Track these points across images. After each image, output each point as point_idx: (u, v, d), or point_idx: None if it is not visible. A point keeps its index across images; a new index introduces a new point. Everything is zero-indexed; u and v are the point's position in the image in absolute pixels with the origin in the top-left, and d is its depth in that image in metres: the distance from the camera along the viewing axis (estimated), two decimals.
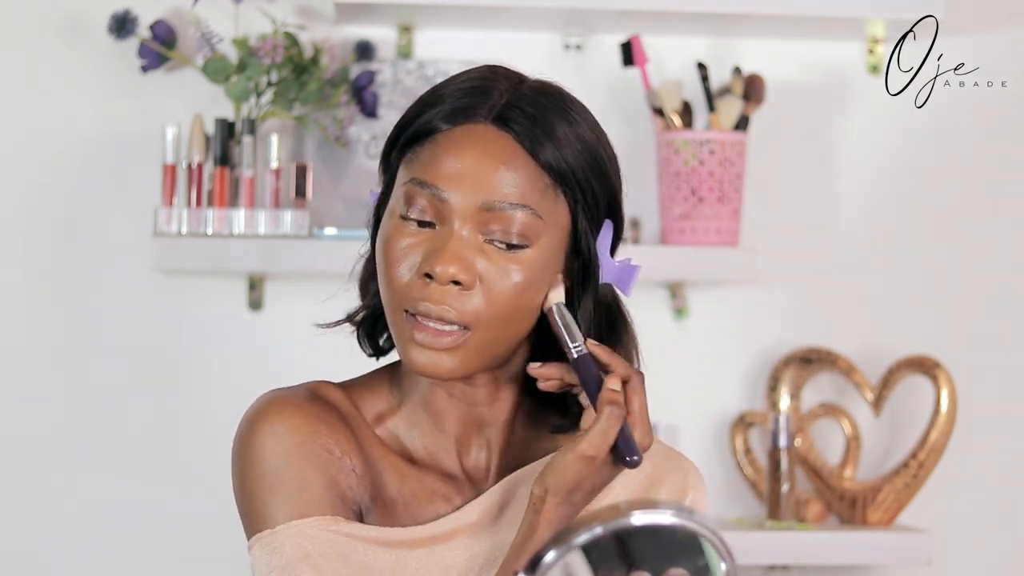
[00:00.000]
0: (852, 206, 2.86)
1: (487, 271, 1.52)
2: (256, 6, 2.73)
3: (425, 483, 1.61)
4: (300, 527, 1.53)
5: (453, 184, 1.53)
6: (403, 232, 1.54)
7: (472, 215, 1.53)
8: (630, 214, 2.79)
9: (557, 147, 1.55)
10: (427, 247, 1.53)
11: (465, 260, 1.52)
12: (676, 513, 1.30)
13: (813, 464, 2.78)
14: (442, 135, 1.55)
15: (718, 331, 2.84)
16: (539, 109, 1.56)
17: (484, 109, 1.56)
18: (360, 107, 2.71)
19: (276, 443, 1.56)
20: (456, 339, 1.52)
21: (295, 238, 2.63)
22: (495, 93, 1.57)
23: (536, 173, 1.54)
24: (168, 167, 2.65)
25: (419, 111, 1.58)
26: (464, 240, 1.53)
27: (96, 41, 2.73)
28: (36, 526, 2.72)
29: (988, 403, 2.86)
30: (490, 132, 1.55)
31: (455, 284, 1.51)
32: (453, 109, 1.56)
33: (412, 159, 1.57)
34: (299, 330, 2.71)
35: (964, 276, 2.87)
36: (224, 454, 1.62)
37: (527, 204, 1.53)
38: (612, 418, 1.47)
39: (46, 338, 2.73)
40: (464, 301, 1.52)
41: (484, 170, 1.53)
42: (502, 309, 1.53)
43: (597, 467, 1.48)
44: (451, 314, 1.51)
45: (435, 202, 1.53)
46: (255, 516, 1.55)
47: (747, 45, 2.84)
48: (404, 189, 1.55)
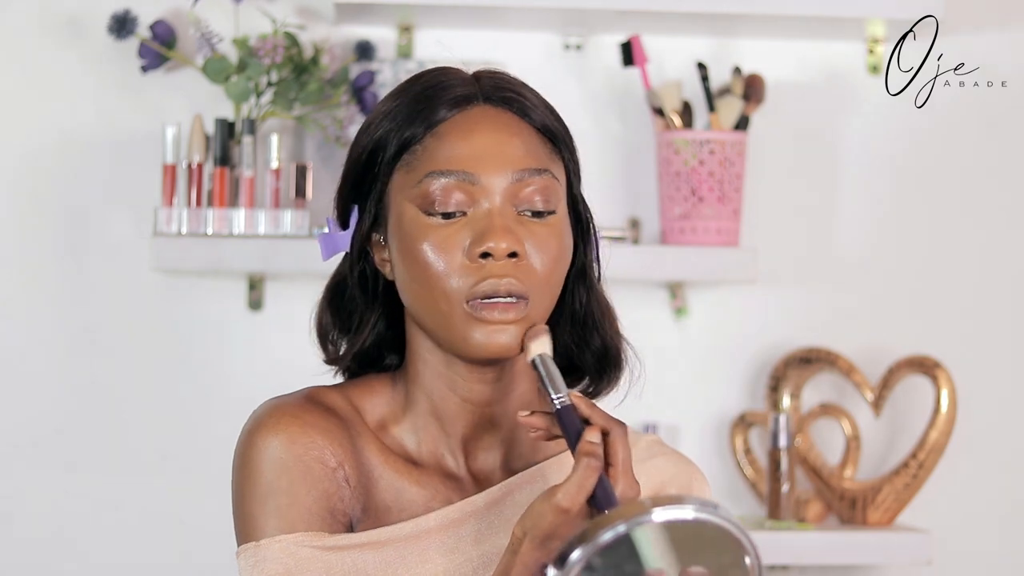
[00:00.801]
0: (852, 206, 2.86)
1: (529, 240, 1.55)
2: (256, 6, 2.73)
3: (426, 486, 1.60)
4: (285, 542, 1.54)
5: (479, 164, 1.55)
6: (436, 228, 1.55)
7: (504, 189, 1.55)
8: (630, 214, 2.82)
9: (544, 112, 1.60)
10: (468, 233, 1.54)
11: (513, 232, 1.54)
12: (698, 508, 1.29)
13: (813, 464, 2.78)
14: (444, 125, 1.57)
15: (718, 331, 2.84)
16: (510, 83, 1.60)
17: (474, 93, 1.59)
18: (360, 107, 2.71)
19: (270, 455, 1.57)
20: (521, 311, 1.54)
21: (295, 238, 2.63)
22: (465, 81, 1.60)
23: (539, 139, 1.58)
24: (168, 167, 2.65)
25: (396, 121, 1.58)
26: (506, 215, 1.54)
27: (96, 41, 2.73)
28: (35, 526, 2.72)
29: (988, 403, 2.86)
30: (490, 111, 1.58)
31: (511, 257, 1.53)
32: (450, 99, 1.57)
33: (414, 160, 1.57)
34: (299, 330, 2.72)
35: (964, 276, 2.87)
36: (224, 453, 1.63)
37: (546, 168, 1.57)
38: (588, 470, 1.43)
39: (46, 338, 2.73)
40: (521, 272, 1.54)
41: (503, 144, 1.56)
42: (549, 276, 1.55)
43: (572, 518, 1.44)
44: (516, 285, 1.53)
45: (464, 187, 1.54)
46: (245, 526, 1.56)
47: (747, 45, 2.84)
48: (420, 188, 1.55)
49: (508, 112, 1.58)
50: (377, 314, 1.63)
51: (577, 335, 1.64)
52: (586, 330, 1.63)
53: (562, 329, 1.63)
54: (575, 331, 1.63)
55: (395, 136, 1.58)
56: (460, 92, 1.59)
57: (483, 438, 1.62)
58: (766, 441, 2.73)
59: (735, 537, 1.31)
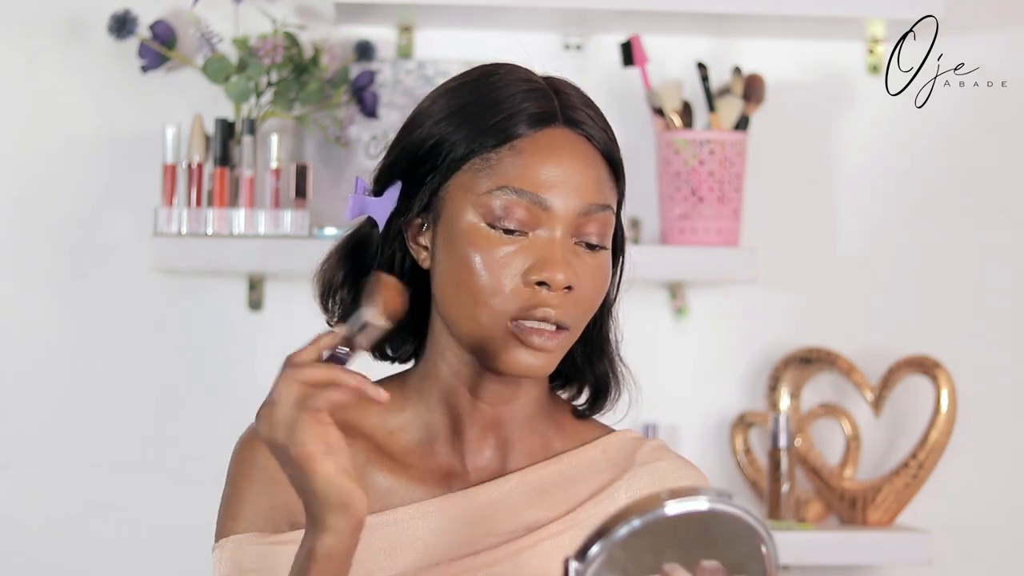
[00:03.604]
0: (852, 206, 2.86)
1: (580, 272, 1.56)
2: (256, 6, 2.73)
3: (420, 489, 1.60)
4: (237, 541, 1.58)
5: (554, 191, 1.55)
6: (495, 241, 1.55)
7: (571, 220, 1.55)
8: (630, 214, 2.82)
9: (607, 139, 1.61)
10: (530, 255, 1.55)
11: (572, 267, 1.55)
12: (713, 499, 1.29)
13: (813, 464, 2.78)
14: (523, 141, 1.56)
15: (718, 331, 2.84)
16: (588, 105, 1.61)
17: (554, 111, 1.59)
18: (360, 107, 2.71)
19: (244, 465, 1.61)
20: (561, 340, 1.56)
21: (295, 238, 2.63)
22: (543, 93, 1.59)
23: (607, 172, 1.60)
24: (168, 167, 2.65)
25: (470, 123, 1.57)
26: (565, 245, 1.56)
27: (96, 41, 2.73)
28: (35, 525, 2.72)
29: (988, 403, 2.86)
30: (568, 135, 1.58)
31: (565, 290, 1.54)
32: (531, 114, 1.57)
33: (487, 167, 1.56)
34: (299, 330, 2.72)
35: (964, 276, 2.87)
36: (224, 453, 1.64)
37: (609, 204, 1.58)
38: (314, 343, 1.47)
39: (46, 338, 2.73)
40: (570, 303, 1.55)
41: (579, 175, 1.56)
42: (590, 308, 1.58)
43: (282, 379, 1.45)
44: (564, 316, 1.55)
45: (533, 209, 1.55)
46: (216, 529, 1.62)
47: (747, 45, 2.84)
48: (490, 199, 1.55)
49: (582, 137, 1.58)
50: None
51: (585, 353, 1.65)
52: (594, 351, 1.65)
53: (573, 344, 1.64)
54: (585, 348, 1.65)
55: (468, 139, 1.57)
56: (540, 109, 1.58)
57: (487, 437, 1.62)
58: (766, 441, 2.73)
59: (751, 526, 1.32)
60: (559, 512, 1.62)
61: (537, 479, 1.63)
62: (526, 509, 1.61)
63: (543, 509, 1.62)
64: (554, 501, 1.63)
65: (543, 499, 1.63)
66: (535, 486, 1.62)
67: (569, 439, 1.66)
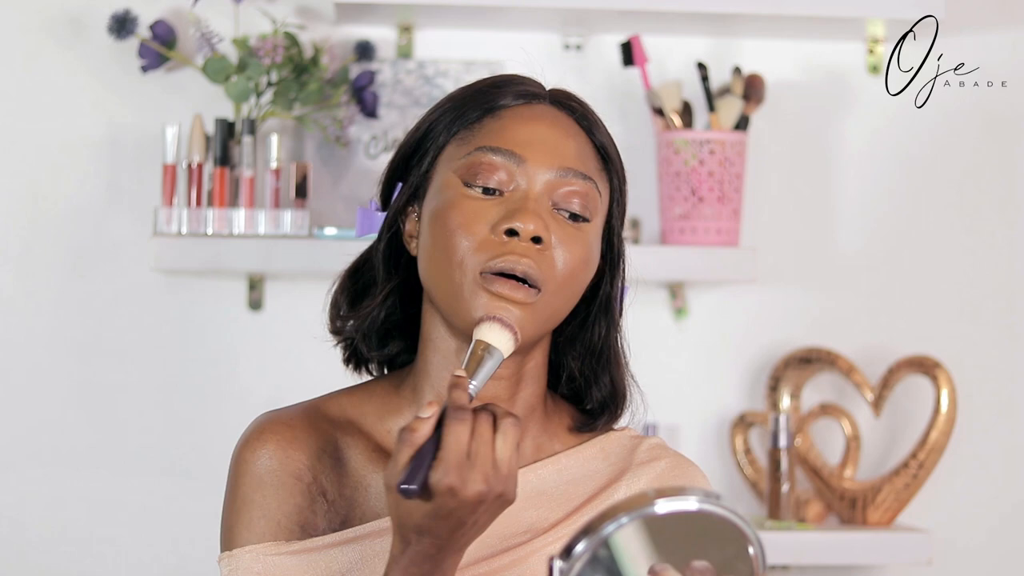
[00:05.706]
0: (852, 206, 2.86)
1: (557, 236, 1.56)
2: (256, 6, 2.73)
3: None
4: (255, 552, 1.57)
5: (529, 149, 1.57)
6: (468, 199, 1.56)
7: (546, 181, 1.57)
8: (630, 214, 2.82)
9: (605, 136, 1.63)
10: (501, 210, 1.55)
11: (544, 220, 1.55)
12: (702, 499, 1.29)
13: (813, 464, 2.78)
14: (507, 110, 1.59)
15: (718, 331, 2.84)
16: (580, 100, 1.64)
17: (542, 92, 1.62)
18: (360, 107, 2.71)
19: (248, 469, 1.61)
20: (528, 295, 1.54)
21: (295, 238, 2.63)
22: (537, 84, 1.63)
23: (592, 151, 1.61)
24: (168, 167, 2.65)
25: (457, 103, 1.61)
26: (541, 203, 1.56)
27: (96, 41, 2.73)
28: (36, 526, 2.72)
29: (988, 403, 2.86)
30: (552, 110, 1.61)
31: (534, 242, 1.54)
32: (516, 91, 1.61)
33: (469, 135, 1.59)
34: (299, 330, 2.72)
35: (964, 276, 2.87)
36: (224, 453, 1.65)
37: (591, 176, 1.59)
38: (399, 444, 1.40)
39: (46, 338, 2.73)
40: (540, 260, 1.54)
41: (557, 138, 1.58)
42: (568, 276, 1.56)
43: (396, 498, 1.41)
44: (533, 270, 1.53)
45: (508, 167, 1.56)
46: (225, 535, 1.61)
47: (747, 45, 2.84)
48: (468, 159, 1.57)
49: (570, 118, 1.61)
50: (393, 285, 1.64)
51: (589, 368, 1.65)
52: (599, 365, 1.64)
53: (574, 358, 1.64)
54: (588, 363, 1.64)
55: (454, 117, 1.60)
56: (529, 88, 1.62)
57: None
58: (766, 441, 2.73)
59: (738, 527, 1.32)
60: (559, 513, 1.62)
61: (536, 479, 1.63)
62: (525, 509, 1.61)
63: (543, 509, 1.62)
64: (553, 501, 1.63)
65: (542, 499, 1.63)
66: (534, 486, 1.62)
67: (567, 439, 1.66)
